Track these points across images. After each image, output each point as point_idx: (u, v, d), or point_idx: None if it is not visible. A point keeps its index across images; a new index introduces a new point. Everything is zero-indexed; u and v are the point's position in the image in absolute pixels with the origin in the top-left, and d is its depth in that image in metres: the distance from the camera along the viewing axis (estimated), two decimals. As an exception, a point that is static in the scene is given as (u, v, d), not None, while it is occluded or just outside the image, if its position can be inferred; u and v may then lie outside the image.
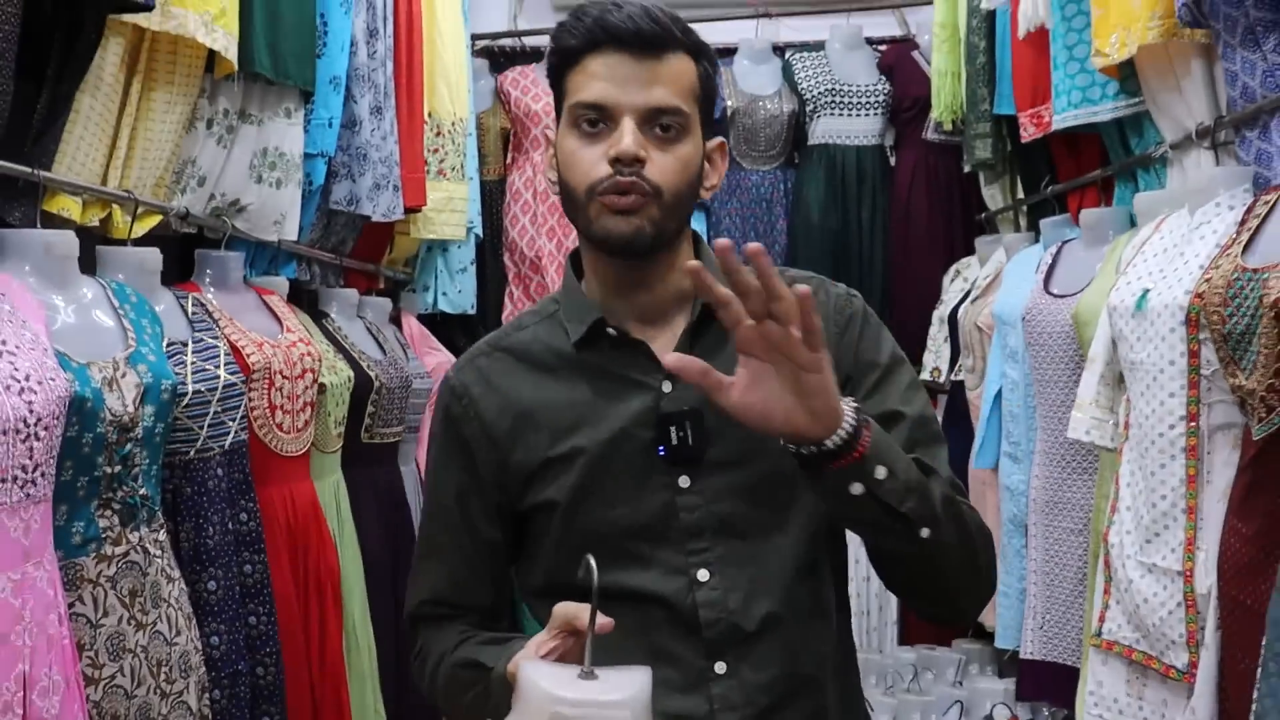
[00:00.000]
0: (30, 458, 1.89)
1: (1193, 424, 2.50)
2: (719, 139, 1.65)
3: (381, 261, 4.58)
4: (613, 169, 1.51)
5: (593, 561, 1.32)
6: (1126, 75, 3.14)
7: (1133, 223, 3.15)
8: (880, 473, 1.40)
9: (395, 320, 4.50)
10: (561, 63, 1.58)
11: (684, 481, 1.59)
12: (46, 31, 2.35)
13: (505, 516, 1.67)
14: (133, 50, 2.59)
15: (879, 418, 1.48)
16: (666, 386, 1.58)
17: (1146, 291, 2.64)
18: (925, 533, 1.45)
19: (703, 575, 1.57)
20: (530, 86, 5.20)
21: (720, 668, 1.57)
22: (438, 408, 1.72)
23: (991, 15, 3.99)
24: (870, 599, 4.78)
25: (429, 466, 1.77)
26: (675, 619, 1.59)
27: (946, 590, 1.58)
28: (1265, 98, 2.57)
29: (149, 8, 2.38)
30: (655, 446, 1.57)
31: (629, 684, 1.30)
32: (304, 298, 3.80)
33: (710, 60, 1.61)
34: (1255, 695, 2.08)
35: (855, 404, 1.39)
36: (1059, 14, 3.32)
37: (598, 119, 1.53)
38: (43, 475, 1.94)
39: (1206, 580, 2.40)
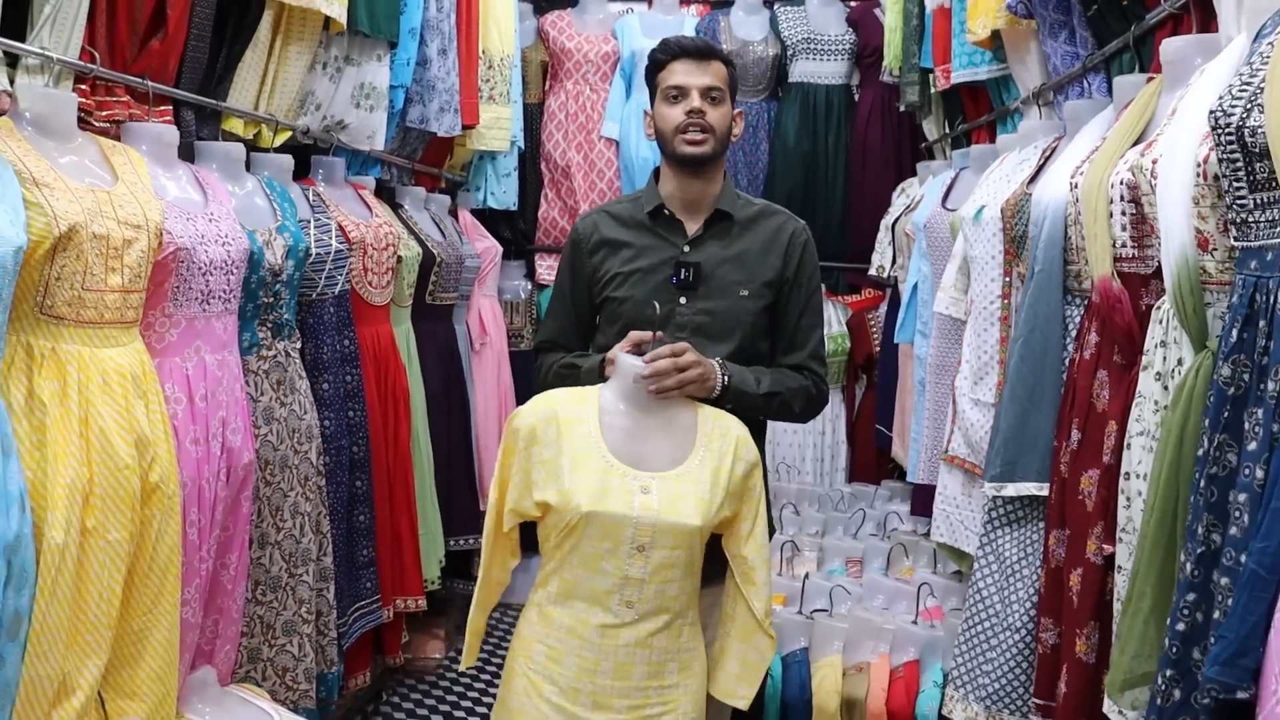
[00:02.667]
0: (228, 285, 2.92)
1: (1005, 300, 3.29)
2: (739, 109, 2.88)
3: (443, 167, 5.37)
4: (688, 117, 2.70)
5: (657, 305, 2.59)
6: (998, 46, 3.95)
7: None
8: (730, 402, 2.69)
9: (453, 213, 5.30)
10: (654, 69, 2.83)
11: (683, 300, 2.82)
12: (226, 8, 3.31)
13: (593, 302, 2.92)
14: (277, 17, 3.50)
15: (792, 301, 2.88)
16: (686, 249, 2.82)
17: (982, 207, 3.43)
18: (761, 416, 2.86)
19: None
20: (566, 28, 5.96)
21: None
22: (569, 239, 2.98)
23: None
24: (825, 449, 5.69)
25: (559, 269, 3.01)
26: None
27: (776, 420, 2.95)
28: (1062, 74, 3.44)
29: (295, -8, 3.37)
30: (671, 278, 2.80)
31: None
32: (384, 193, 4.63)
33: (734, 67, 2.88)
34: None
35: (725, 381, 2.67)
36: (955, -5, 4.15)
37: (678, 94, 2.77)
38: (234, 297, 2.97)
39: (1009, 410, 3.27)
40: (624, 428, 2.55)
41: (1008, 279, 3.33)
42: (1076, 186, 2.58)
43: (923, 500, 4.29)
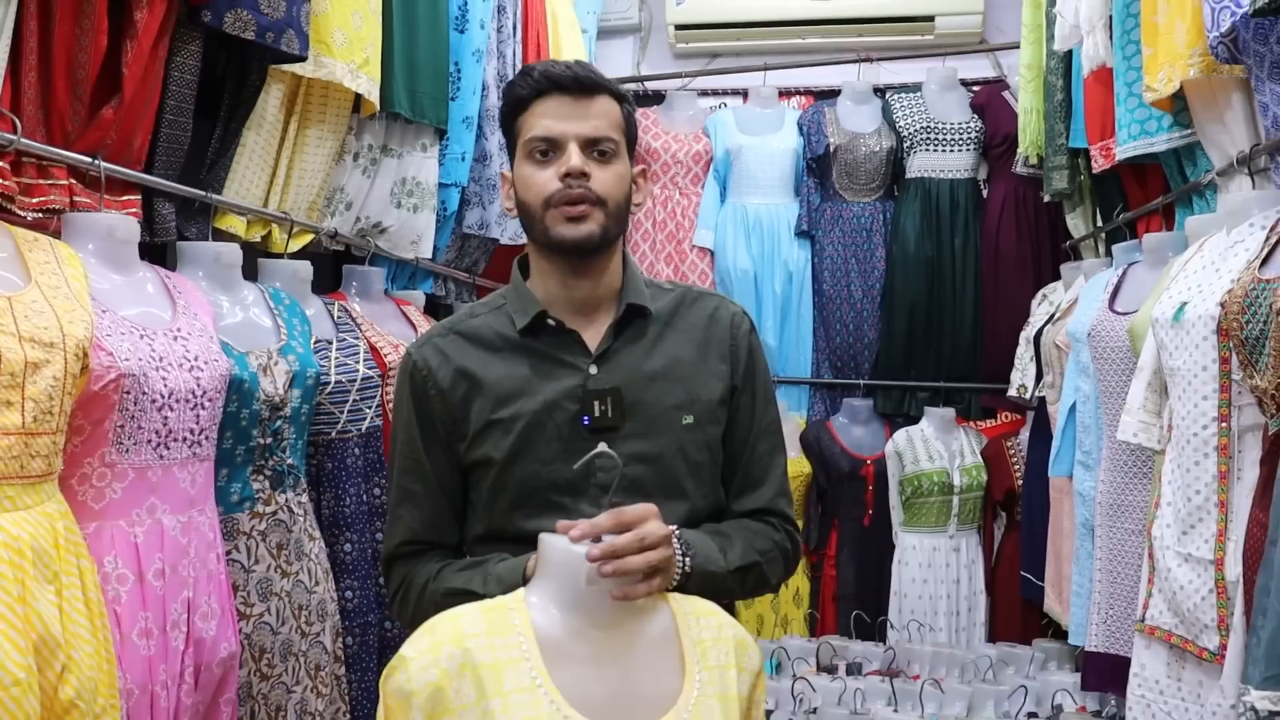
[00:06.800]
0: (197, 423, 2.24)
1: (1224, 424, 2.60)
2: (641, 167, 2.00)
3: (511, 281, 4.81)
4: (563, 183, 1.84)
5: (607, 448, 1.71)
6: (1179, 108, 3.23)
7: (1188, 245, 3.26)
8: (692, 591, 1.78)
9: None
10: (514, 110, 1.92)
11: (602, 447, 1.81)
12: (220, 78, 2.73)
13: (460, 467, 1.96)
14: (290, 94, 2.93)
15: (742, 416, 2.00)
16: (593, 369, 1.92)
17: (1184, 305, 2.75)
18: (728, 599, 1.90)
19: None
20: (650, 126, 5.39)
21: None
22: (400, 379, 2.00)
23: (1069, 55, 4.06)
24: (960, 601, 4.87)
25: (395, 427, 2.02)
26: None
27: (753, 595, 2.05)
28: (1287, 128, 2.71)
29: (303, 59, 2.75)
30: (580, 417, 1.88)
31: None
32: (439, 312, 4.06)
33: (630, 105, 1.95)
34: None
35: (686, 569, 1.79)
36: (1119, 53, 3.42)
37: (548, 149, 1.87)
38: (206, 439, 2.29)
39: (1235, 568, 2.49)
40: (579, 658, 1.63)
41: (1226, 397, 2.62)
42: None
43: (1098, 672, 3.54)
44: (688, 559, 1.78)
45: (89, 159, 2.27)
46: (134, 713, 2.05)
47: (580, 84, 1.88)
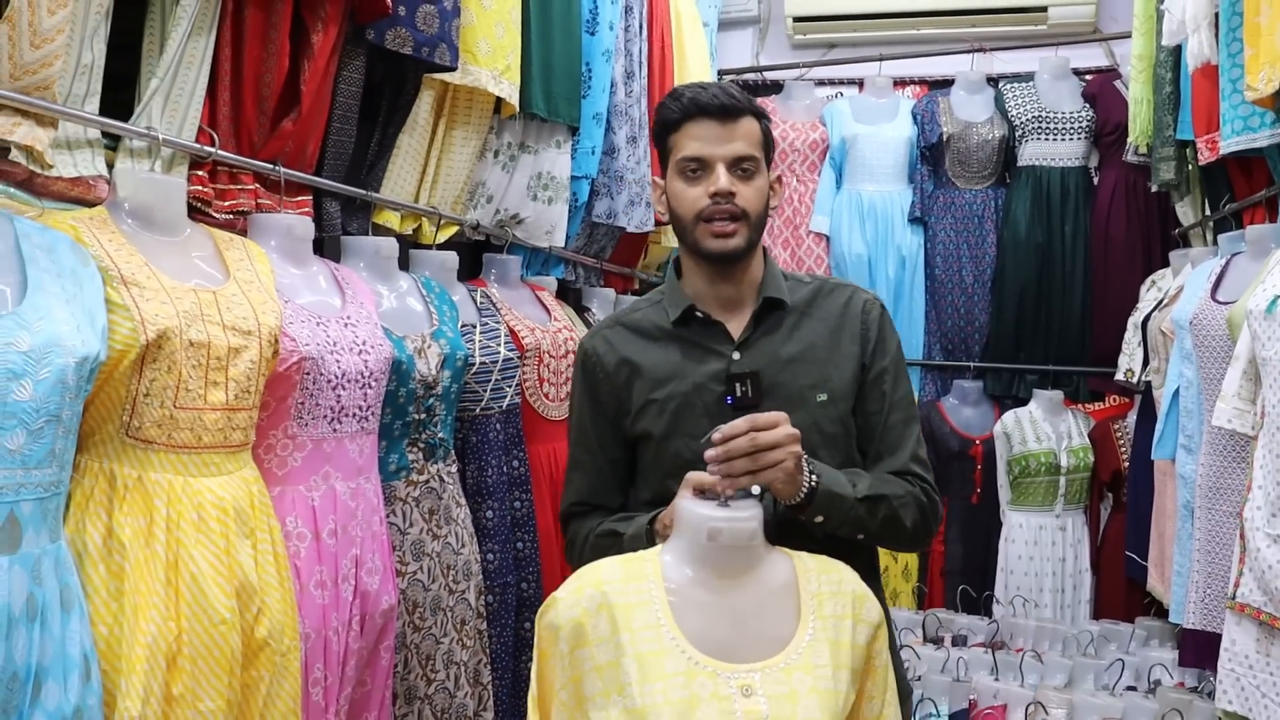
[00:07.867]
0: (364, 401, 2.51)
1: None
2: (776, 174, 2.23)
3: (636, 266, 4.99)
4: (712, 200, 2.08)
5: (713, 433, 1.91)
6: (1281, 105, 3.34)
7: (1289, 238, 3.33)
8: (821, 513, 2.01)
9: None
10: (665, 130, 2.16)
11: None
12: (377, 86, 2.99)
13: (625, 441, 2.25)
14: (439, 99, 3.18)
15: (874, 391, 2.20)
16: (736, 355, 2.17)
17: (1277, 298, 2.84)
18: (860, 536, 2.10)
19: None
20: (770, 115, 5.49)
21: None
22: (576, 365, 2.31)
23: (1178, 49, 4.10)
24: (1065, 579, 4.96)
25: (572, 406, 2.33)
26: None
27: (883, 544, 2.23)
28: (1384, 129, 2.81)
29: (454, 69, 3.01)
30: (725, 397, 2.12)
31: (751, 506, 1.90)
32: (569, 295, 4.27)
33: (768, 119, 2.17)
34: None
35: (812, 483, 1.99)
36: (1224, 50, 3.48)
37: (698, 168, 2.10)
38: (373, 414, 2.56)
39: (1323, 549, 2.62)
40: (702, 604, 1.85)
41: (1313, 386, 2.71)
42: None
43: (1195, 649, 3.60)
44: (814, 476, 2.00)
45: (270, 166, 2.56)
46: (311, 653, 2.33)
47: (725, 110, 2.09)
